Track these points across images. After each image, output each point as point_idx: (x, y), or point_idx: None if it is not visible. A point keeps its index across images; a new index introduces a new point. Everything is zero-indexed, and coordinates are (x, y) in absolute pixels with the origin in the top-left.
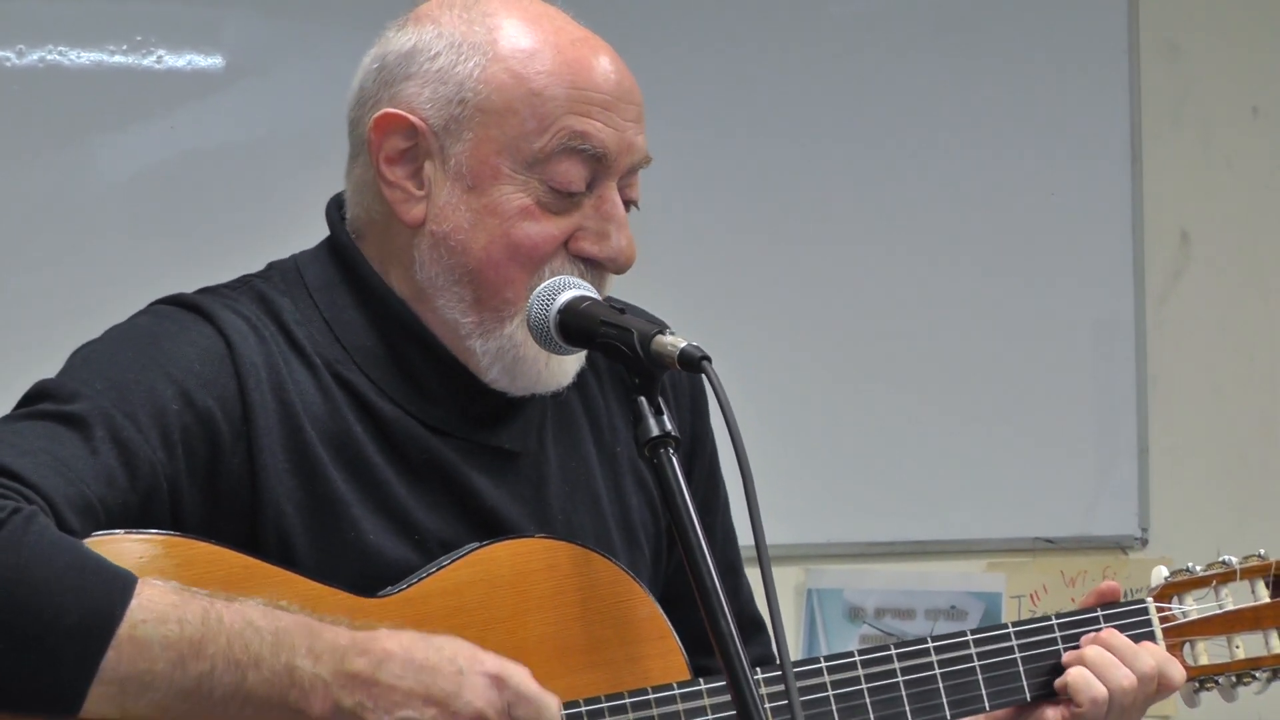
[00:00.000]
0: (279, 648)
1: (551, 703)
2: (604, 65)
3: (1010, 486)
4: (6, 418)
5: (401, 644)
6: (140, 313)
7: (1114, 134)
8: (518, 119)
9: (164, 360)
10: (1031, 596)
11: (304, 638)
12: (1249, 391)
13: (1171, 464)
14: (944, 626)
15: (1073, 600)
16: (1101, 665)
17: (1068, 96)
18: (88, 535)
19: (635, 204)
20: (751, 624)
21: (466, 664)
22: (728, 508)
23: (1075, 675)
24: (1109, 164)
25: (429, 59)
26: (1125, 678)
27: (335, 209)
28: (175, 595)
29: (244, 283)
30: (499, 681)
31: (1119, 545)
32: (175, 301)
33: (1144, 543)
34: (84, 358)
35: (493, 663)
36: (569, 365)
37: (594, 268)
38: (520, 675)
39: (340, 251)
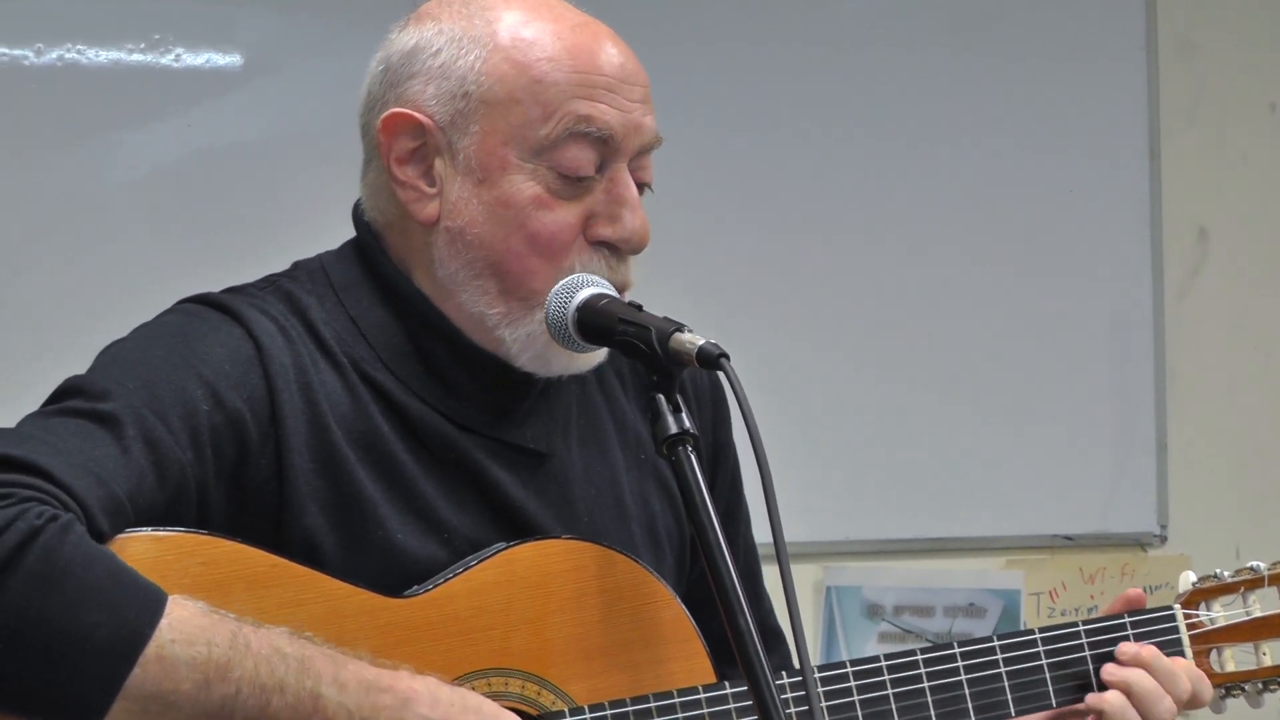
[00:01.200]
0: (304, 675)
1: None
2: (606, 48)
3: (1028, 483)
4: (38, 413)
5: (427, 685)
6: (168, 311)
7: (1132, 131)
8: (521, 108)
9: (194, 360)
10: (1050, 594)
11: (329, 667)
12: (1267, 387)
13: (1190, 460)
14: (962, 624)
15: (1091, 598)
16: (1146, 698)
17: (1085, 94)
18: (117, 534)
19: (648, 186)
20: (772, 635)
21: (491, 714)
22: (749, 520)
23: (1112, 705)
24: (1127, 161)
25: (431, 55)
26: (1167, 711)
27: (360, 209)
28: (205, 617)
29: (270, 282)
30: None
31: (1138, 542)
32: (203, 301)
33: (1163, 539)
34: (114, 355)
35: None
36: (595, 356)
37: (613, 252)
38: None
39: (364, 251)
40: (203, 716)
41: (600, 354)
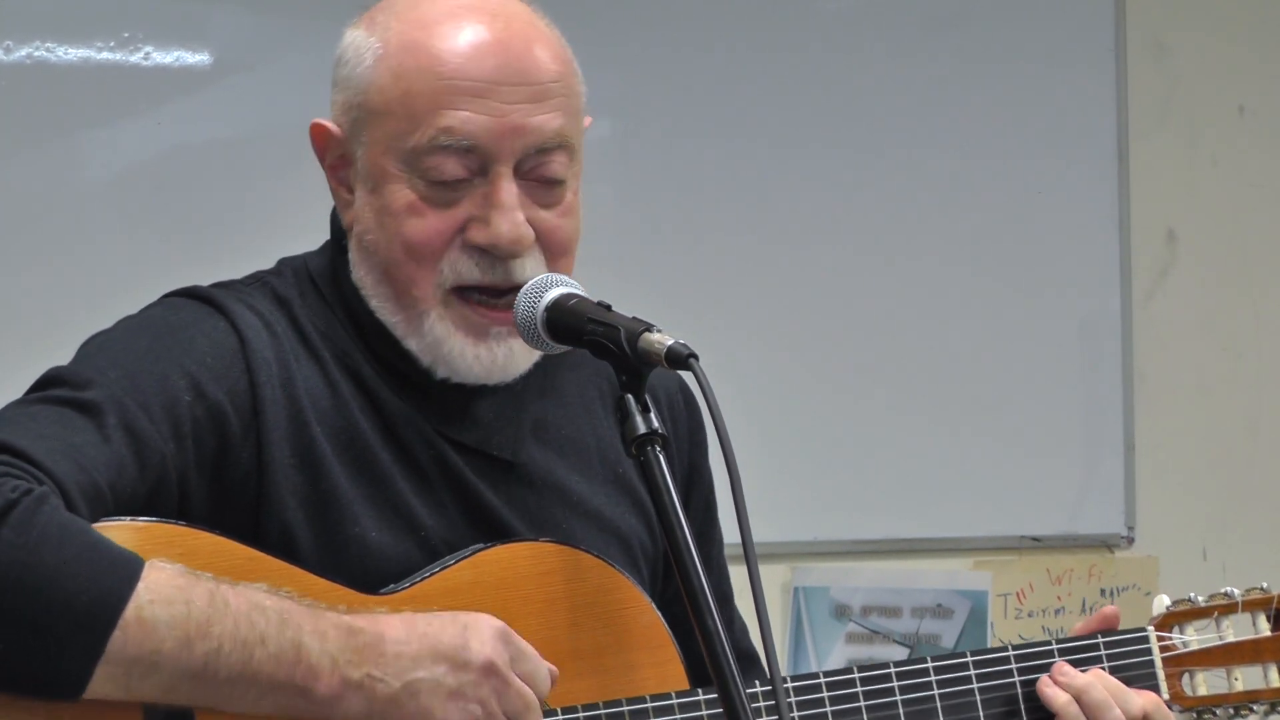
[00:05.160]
0: (285, 626)
1: (544, 666)
2: (482, 50)
3: (997, 484)
4: (20, 401)
5: (402, 617)
6: (154, 304)
7: (1101, 133)
8: (394, 119)
9: (178, 352)
10: (1018, 595)
11: (308, 619)
12: (1235, 389)
13: (1157, 462)
14: (930, 624)
15: (1059, 599)
16: (1095, 706)
17: (1055, 95)
18: (95, 522)
19: (556, 181)
20: (745, 657)
21: (469, 619)
22: (722, 542)
23: (1064, 711)
24: (1096, 163)
25: (342, 64)
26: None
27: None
28: (182, 578)
29: (257, 279)
30: (503, 634)
31: (1105, 543)
32: (190, 294)
33: (1130, 541)
34: (98, 345)
35: (494, 619)
36: (511, 359)
37: (485, 255)
38: (517, 636)
39: (335, 251)
40: (186, 675)
41: (517, 365)
